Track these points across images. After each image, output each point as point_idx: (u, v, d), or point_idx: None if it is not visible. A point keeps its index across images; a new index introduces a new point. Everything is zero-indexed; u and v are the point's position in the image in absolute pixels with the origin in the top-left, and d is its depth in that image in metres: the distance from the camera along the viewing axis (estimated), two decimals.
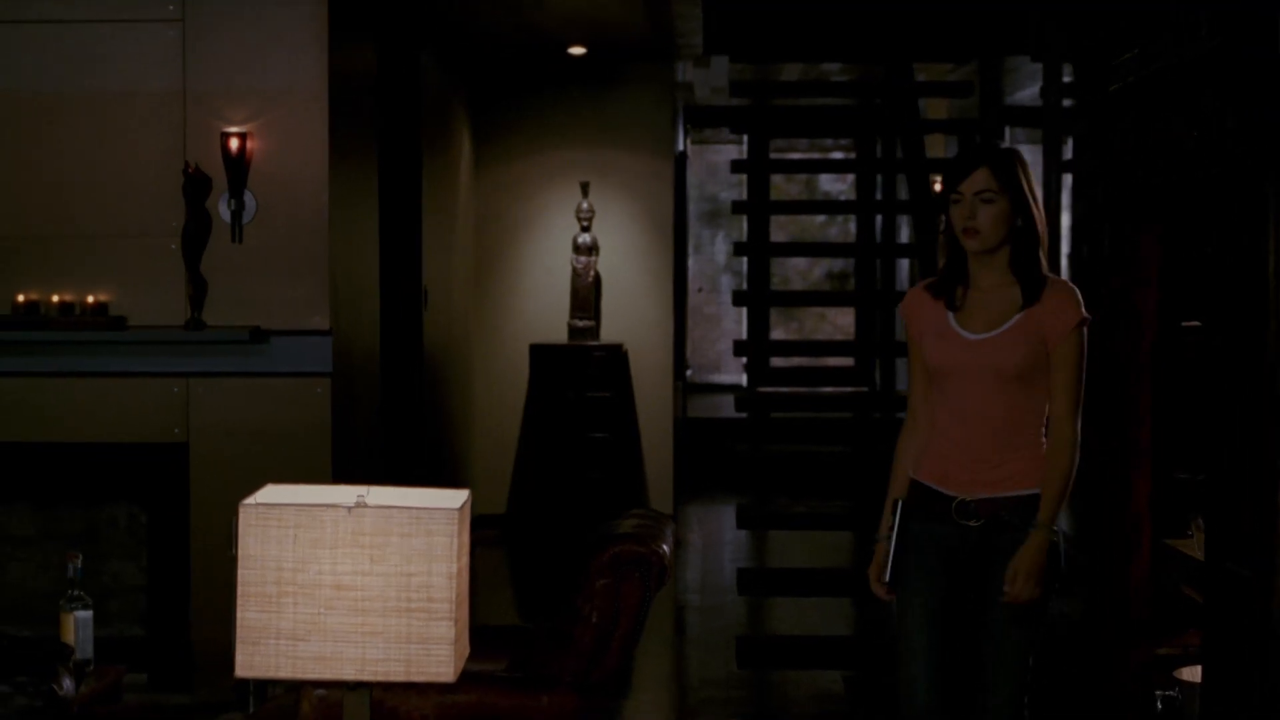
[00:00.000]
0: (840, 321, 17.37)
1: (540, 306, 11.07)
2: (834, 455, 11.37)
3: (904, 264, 14.98)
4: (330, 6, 6.75)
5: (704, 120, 14.07)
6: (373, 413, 7.73)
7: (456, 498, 3.36)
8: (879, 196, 13.56)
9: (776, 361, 14.89)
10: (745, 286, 15.07)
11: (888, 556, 4.37)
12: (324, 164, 6.76)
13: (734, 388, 17.67)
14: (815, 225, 17.56)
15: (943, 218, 4.44)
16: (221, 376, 6.79)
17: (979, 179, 4.32)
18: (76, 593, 4.97)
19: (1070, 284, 4.35)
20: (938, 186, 11.31)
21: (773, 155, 14.72)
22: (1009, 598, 4.23)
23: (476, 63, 10.70)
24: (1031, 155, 16.49)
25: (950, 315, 4.39)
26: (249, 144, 6.67)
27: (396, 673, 3.23)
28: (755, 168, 12.24)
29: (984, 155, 4.39)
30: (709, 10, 8.59)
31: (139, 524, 6.99)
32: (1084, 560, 4.98)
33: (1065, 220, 9.83)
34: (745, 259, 15.27)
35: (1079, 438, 4.28)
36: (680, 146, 13.19)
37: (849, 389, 14.22)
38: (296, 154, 6.75)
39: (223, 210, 6.71)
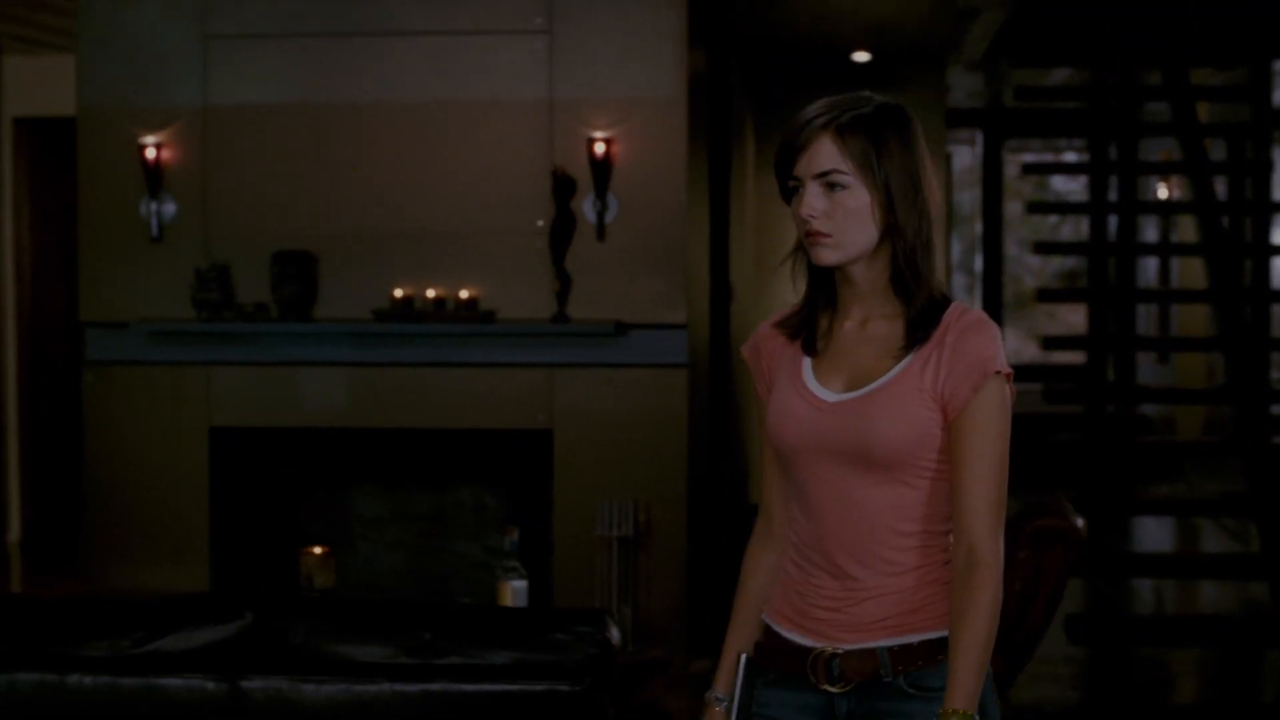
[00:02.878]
0: (1070, 320, 17.55)
1: None
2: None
3: (1151, 263, 15.14)
4: (689, 17, 7.15)
5: (964, 121, 14.34)
6: (705, 404, 8.12)
7: None
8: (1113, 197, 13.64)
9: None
10: (981, 286, 15.29)
11: None
12: (683, 166, 7.14)
13: None
14: (1047, 225, 17.78)
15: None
16: (584, 367, 7.19)
17: (822, 154, 2.69)
18: (512, 564, 5.26)
19: (984, 315, 2.74)
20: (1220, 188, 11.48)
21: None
22: None
23: (761, 67, 11.05)
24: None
25: (806, 364, 2.82)
26: (612, 148, 7.08)
27: None
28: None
29: (828, 118, 2.71)
30: (1014, 16, 8.87)
31: (484, 506, 7.41)
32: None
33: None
34: (981, 258, 15.52)
35: (1003, 561, 2.69)
36: None
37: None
38: (656, 157, 7.12)
39: (587, 210, 7.12)
